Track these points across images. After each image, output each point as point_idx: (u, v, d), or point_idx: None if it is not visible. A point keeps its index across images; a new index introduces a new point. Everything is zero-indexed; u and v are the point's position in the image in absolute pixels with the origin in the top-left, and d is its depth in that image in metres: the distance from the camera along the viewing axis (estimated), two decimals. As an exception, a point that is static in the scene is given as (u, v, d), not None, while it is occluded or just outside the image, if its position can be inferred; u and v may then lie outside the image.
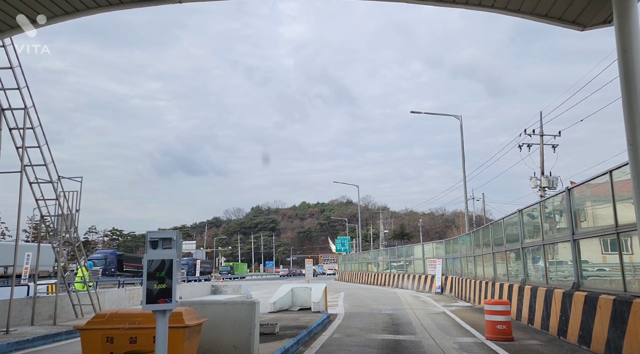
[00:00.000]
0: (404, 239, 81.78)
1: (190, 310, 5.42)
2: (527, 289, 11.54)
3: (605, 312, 7.45)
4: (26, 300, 11.58)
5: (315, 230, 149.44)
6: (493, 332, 9.34)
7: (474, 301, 17.71)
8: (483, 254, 17.25)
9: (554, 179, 28.80)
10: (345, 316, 13.91)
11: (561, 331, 9.24)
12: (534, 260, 12.91)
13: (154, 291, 4.34)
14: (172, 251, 4.51)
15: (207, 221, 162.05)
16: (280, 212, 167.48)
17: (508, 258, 14.60)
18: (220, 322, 6.50)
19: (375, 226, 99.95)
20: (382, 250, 41.64)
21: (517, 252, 13.41)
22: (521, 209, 13.01)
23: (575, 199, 9.38)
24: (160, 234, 4.54)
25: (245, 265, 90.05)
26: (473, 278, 18.58)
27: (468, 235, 20.77)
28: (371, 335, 10.10)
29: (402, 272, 33.46)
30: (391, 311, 15.34)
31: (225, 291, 21.63)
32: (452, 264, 24.26)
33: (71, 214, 11.56)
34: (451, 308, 16.31)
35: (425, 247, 30.52)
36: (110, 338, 4.96)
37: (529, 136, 29.96)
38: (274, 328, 8.79)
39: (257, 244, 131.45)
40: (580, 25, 7.27)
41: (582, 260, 11.50)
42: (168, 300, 4.36)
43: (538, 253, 12.37)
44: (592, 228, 8.85)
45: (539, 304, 10.62)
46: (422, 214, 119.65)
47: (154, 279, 4.37)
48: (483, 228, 17.85)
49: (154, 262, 4.40)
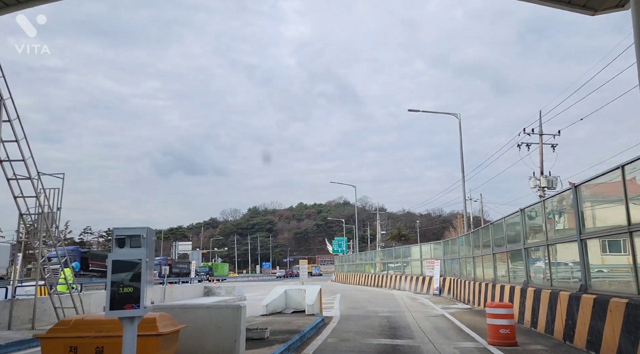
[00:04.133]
0: (401, 240, 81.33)
1: (165, 316, 4.90)
2: (530, 292, 11.05)
3: (617, 316, 6.97)
4: (4, 303, 11.01)
5: (312, 231, 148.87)
6: (496, 336, 8.84)
7: (473, 303, 17.23)
8: (483, 255, 16.77)
9: (553, 179, 28.39)
10: (340, 318, 13.40)
11: (567, 336, 8.76)
12: (535, 261, 12.45)
13: (119, 296, 3.82)
14: (142, 250, 4.00)
15: (203, 221, 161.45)
16: (277, 213, 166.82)
17: (509, 259, 14.13)
18: (203, 328, 5.98)
19: (372, 227, 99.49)
20: (379, 251, 41.14)
21: (519, 253, 12.94)
22: (523, 208, 12.53)
23: (582, 198, 8.90)
24: (128, 231, 4.02)
25: (226, 265, 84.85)
26: (472, 280, 18.10)
27: (467, 235, 20.30)
28: (367, 340, 9.59)
29: (399, 273, 32.97)
30: (388, 314, 14.84)
31: (219, 292, 21.06)
32: (451, 265, 23.78)
33: (52, 212, 10.99)
34: (450, 310, 15.82)
35: (422, 248, 30.03)
36: (74, 347, 4.43)
37: (528, 135, 29.56)
38: (264, 333, 8.27)
39: (254, 245, 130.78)
40: (591, 10, 6.80)
41: (576, 261, 11.04)
42: (135, 306, 3.84)
43: (539, 254, 11.91)
44: (601, 227, 8.37)
45: (543, 307, 10.13)
46: (419, 216, 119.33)
47: (119, 281, 3.85)
48: (483, 228, 17.38)
49: (120, 262, 3.88)
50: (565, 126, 52.36)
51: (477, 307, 16.36)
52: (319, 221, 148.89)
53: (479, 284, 16.56)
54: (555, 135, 29.15)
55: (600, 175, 8.05)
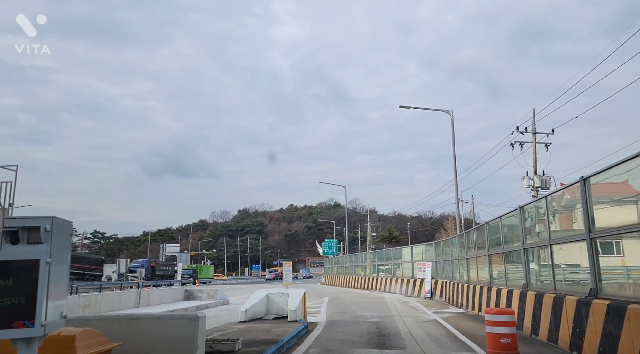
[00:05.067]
0: (392, 242, 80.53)
1: (91, 332, 3.90)
2: (531, 295, 10.16)
3: (636, 325, 6.09)
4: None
5: (302, 233, 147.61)
6: (496, 346, 7.92)
7: (467, 307, 16.35)
8: (477, 256, 15.91)
9: (547, 179, 27.67)
10: (326, 325, 12.43)
11: (575, 346, 7.86)
12: (534, 263, 11.59)
13: (2, 310, 2.80)
14: (43, 247, 2.98)
15: (193, 223, 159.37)
16: (268, 215, 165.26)
17: (505, 261, 13.26)
18: (153, 342, 4.97)
19: (363, 229, 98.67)
20: (369, 253, 40.20)
21: (517, 254, 12.07)
22: (522, 206, 11.69)
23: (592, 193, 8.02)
24: (25, 222, 3.00)
25: (211, 267, 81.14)
26: (466, 282, 17.24)
27: (460, 236, 19.44)
28: (353, 350, 8.62)
29: (389, 275, 32.06)
30: (377, 319, 13.90)
31: (200, 296, 19.92)
32: (443, 267, 22.92)
33: (3, 208, 9.87)
34: (443, 315, 14.92)
35: (414, 249, 29.14)
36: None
37: (522, 133, 28.83)
38: (235, 345, 7.27)
39: (244, 247, 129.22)
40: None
41: (574, 263, 10.21)
42: (28, 323, 2.83)
43: (542, 254, 11.05)
44: (616, 225, 7.49)
45: (546, 313, 9.24)
46: (410, 218, 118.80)
47: (6, 290, 2.83)
48: (477, 228, 16.50)
49: (7, 264, 2.86)
50: (559, 125, 51.64)
51: (472, 311, 15.49)
52: (309, 223, 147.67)
53: (473, 287, 15.69)
54: (549, 134, 28.49)
55: (615, 165, 7.11)
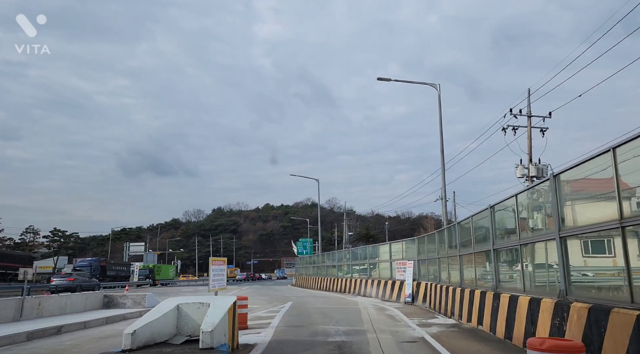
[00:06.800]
0: (369, 241, 77.10)
1: None
2: (582, 309, 6.52)
3: None
4: None
5: (278, 233, 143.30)
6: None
7: (460, 317, 12.70)
8: (475, 252, 12.28)
9: (543, 167, 24.40)
10: (266, 349, 8.55)
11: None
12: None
13: None
14: None
15: (164, 222, 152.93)
16: (243, 214, 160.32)
17: (505, 259, 9.67)
18: None
19: (340, 229, 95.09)
20: (344, 251, 36.44)
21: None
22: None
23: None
24: None
25: (172, 267, 72.35)
26: (458, 285, 13.60)
27: (449, 228, 15.81)
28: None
29: (365, 277, 28.35)
30: (343, 336, 10.11)
31: (123, 303, 15.68)
32: (427, 267, 19.30)
33: None
34: (431, 329, 11.21)
35: (393, 247, 25.45)
36: None
37: (515, 117, 25.52)
38: None
39: (217, 247, 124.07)
40: None
41: None
42: None
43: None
44: None
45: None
46: (388, 218, 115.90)
47: None
48: (473, 215, 12.80)
49: None
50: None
51: (467, 324, 11.84)
52: (285, 222, 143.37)
53: (469, 292, 12.04)
54: (546, 117, 25.27)
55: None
